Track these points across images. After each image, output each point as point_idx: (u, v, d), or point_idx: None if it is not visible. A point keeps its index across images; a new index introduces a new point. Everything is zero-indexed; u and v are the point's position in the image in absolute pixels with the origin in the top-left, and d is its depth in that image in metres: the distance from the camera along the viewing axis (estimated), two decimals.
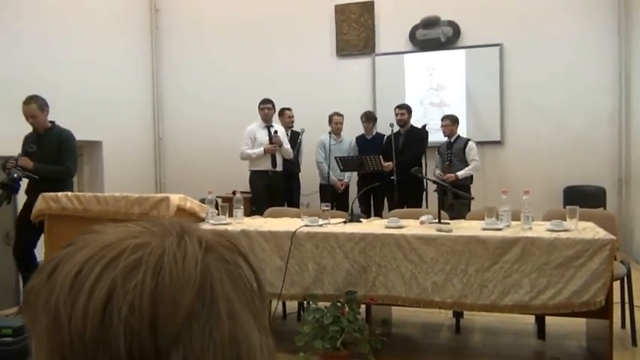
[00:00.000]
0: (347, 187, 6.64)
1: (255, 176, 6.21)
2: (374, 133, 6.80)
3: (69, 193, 4.33)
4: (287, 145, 6.25)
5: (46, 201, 4.23)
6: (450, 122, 6.22)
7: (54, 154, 4.62)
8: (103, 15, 7.29)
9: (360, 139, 6.80)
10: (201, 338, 0.45)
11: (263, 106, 6.23)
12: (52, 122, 4.71)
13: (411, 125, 6.59)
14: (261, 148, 6.09)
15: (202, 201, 4.41)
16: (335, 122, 6.71)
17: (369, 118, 6.75)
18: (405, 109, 6.51)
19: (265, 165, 6.16)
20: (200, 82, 8.20)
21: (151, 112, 8.43)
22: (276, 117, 6.52)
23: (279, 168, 6.25)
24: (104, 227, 0.51)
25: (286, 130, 6.59)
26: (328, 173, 6.50)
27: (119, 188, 5.13)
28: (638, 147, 6.33)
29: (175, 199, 4.05)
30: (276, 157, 6.20)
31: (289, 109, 6.87)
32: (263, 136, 6.18)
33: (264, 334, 0.51)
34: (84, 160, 7.50)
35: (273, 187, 6.17)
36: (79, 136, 7.01)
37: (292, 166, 6.56)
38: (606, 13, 6.72)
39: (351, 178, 6.69)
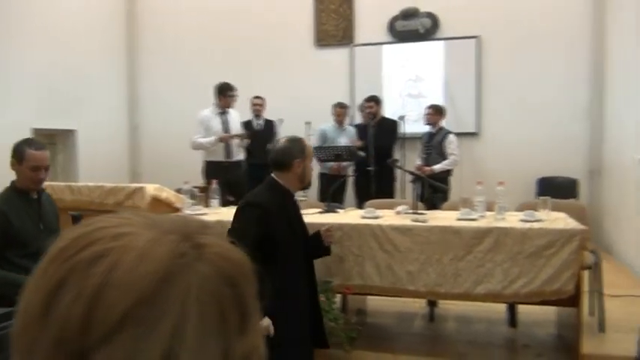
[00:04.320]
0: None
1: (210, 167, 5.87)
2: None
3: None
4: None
5: None
6: (433, 111, 6.15)
7: (54, 221, 3.16)
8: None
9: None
10: (129, 349, 0.40)
11: (231, 93, 5.89)
12: None
13: (382, 117, 6.57)
14: (215, 137, 5.73)
15: (178, 191, 4.38)
16: (337, 114, 6.44)
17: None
18: (373, 102, 6.43)
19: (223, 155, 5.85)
20: (177, 69, 8.12)
21: (126, 100, 8.32)
22: (238, 104, 6.17)
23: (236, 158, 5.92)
24: (118, 213, 0.49)
25: (257, 118, 6.54)
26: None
27: (94, 178, 5.06)
28: (609, 139, 6.45)
29: (150, 189, 4.03)
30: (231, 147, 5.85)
31: (257, 97, 6.63)
32: (217, 124, 5.83)
33: None
34: (58, 149, 7.38)
35: (228, 178, 5.62)
36: (52, 126, 6.99)
37: (266, 156, 6.35)
38: (580, 10, 6.80)
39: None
